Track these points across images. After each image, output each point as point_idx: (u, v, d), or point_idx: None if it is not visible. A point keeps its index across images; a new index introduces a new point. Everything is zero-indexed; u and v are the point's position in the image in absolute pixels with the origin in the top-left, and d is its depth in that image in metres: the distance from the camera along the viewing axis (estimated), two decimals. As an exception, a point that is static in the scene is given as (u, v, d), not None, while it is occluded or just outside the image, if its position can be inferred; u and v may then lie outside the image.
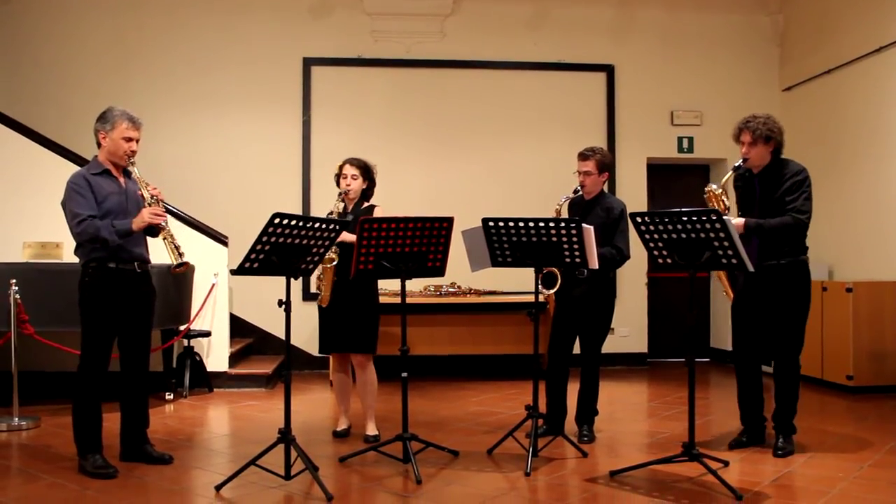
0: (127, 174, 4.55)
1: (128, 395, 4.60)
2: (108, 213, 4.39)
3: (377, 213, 5.16)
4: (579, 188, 5.24)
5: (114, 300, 4.40)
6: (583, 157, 5.23)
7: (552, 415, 5.24)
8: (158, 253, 4.70)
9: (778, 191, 4.75)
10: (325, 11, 8.73)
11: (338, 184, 5.33)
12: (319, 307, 5.25)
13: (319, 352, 5.48)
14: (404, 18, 8.76)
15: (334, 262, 4.97)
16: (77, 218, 4.30)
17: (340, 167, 5.27)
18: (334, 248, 4.80)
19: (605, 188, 5.37)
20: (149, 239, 4.60)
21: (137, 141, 4.47)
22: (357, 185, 5.22)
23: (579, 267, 4.69)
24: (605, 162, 5.23)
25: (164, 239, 4.39)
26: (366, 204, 5.32)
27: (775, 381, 4.90)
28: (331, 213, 5.14)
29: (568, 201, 5.29)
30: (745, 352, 5.02)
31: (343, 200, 5.18)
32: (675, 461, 4.31)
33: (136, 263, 4.47)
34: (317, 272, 5.02)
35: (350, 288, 5.09)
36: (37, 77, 8.37)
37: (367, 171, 5.30)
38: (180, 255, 4.36)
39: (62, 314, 5.90)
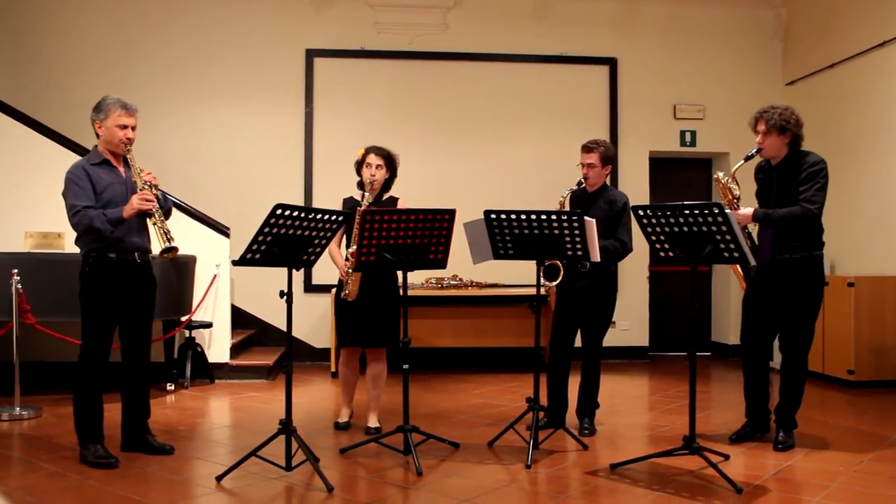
0: (127, 163, 4.51)
1: (129, 386, 4.61)
2: (108, 203, 4.38)
3: (400, 206, 5.14)
4: (582, 180, 5.22)
5: (114, 290, 4.40)
6: (586, 149, 5.21)
7: (553, 407, 5.24)
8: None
9: (794, 182, 4.73)
10: (327, 3, 8.72)
11: (358, 172, 5.27)
12: (341, 302, 5.18)
13: (339, 346, 5.43)
14: (407, 10, 8.75)
15: None
16: (73, 209, 4.31)
17: (364, 156, 5.19)
18: None
19: (608, 181, 5.35)
20: (151, 231, 4.57)
21: (133, 128, 4.45)
22: (381, 175, 5.15)
23: (581, 260, 4.69)
24: (608, 154, 5.21)
25: (154, 224, 4.35)
26: (386, 195, 5.27)
27: (781, 375, 4.89)
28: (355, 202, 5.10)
29: (571, 193, 5.28)
30: (753, 345, 5.00)
31: (367, 191, 5.09)
32: (675, 454, 4.31)
33: (136, 253, 4.46)
34: (348, 265, 4.99)
35: (373, 283, 5.09)
36: (39, 67, 8.37)
37: (391, 161, 5.23)
38: (168, 239, 4.28)
39: (64, 304, 5.89)
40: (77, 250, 4.49)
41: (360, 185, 5.27)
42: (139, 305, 4.55)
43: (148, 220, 4.43)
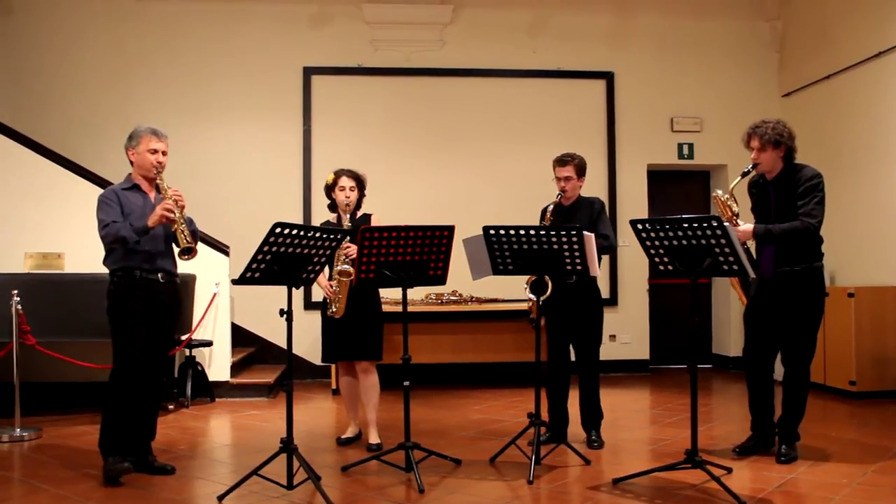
0: (157, 190, 4.62)
1: (140, 405, 4.61)
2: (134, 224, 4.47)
3: (374, 222, 5.20)
4: (560, 194, 5.25)
5: (139, 306, 4.46)
6: (561, 163, 5.25)
7: (554, 423, 5.23)
8: (181, 265, 4.74)
9: (793, 197, 4.73)
10: (324, 21, 8.76)
11: (328, 195, 5.38)
12: (324, 318, 5.28)
13: (322, 361, 5.50)
14: (404, 27, 8.79)
15: (351, 277, 4.90)
16: (102, 223, 4.43)
17: (335, 179, 5.29)
18: (351, 261, 4.85)
19: (581, 191, 5.38)
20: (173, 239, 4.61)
21: (164, 153, 4.61)
22: (354, 196, 5.26)
23: (580, 274, 4.69)
24: (582, 165, 5.27)
25: (175, 229, 4.45)
26: (360, 213, 5.33)
27: (784, 388, 4.87)
28: (333, 225, 5.18)
29: (554, 208, 5.28)
30: (756, 358, 4.98)
31: (344, 212, 5.20)
32: (678, 468, 4.30)
33: (160, 274, 4.53)
34: (334, 284, 5.08)
35: (354, 296, 5.12)
36: (39, 87, 8.40)
37: (361, 182, 5.35)
38: (188, 241, 4.40)
39: (64, 324, 5.92)
40: (78, 270, 4.53)
41: (332, 208, 5.42)
42: (159, 325, 4.58)
43: (171, 226, 4.48)
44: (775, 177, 4.84)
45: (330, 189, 5.34)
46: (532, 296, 4.98)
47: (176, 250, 4.58)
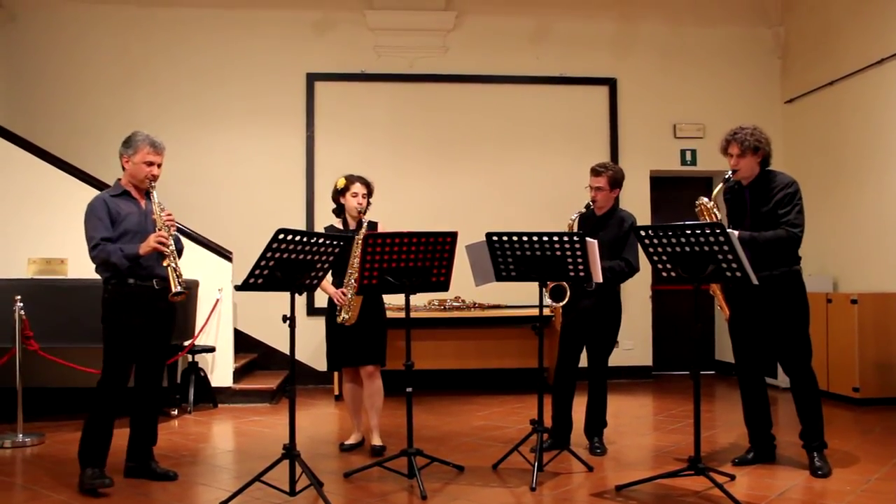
0: (148, 195, 4.60)
1: (140, 411, 4.62)
2: (125, 232, 4.46)
3: (381, 230, 5.21)
4: (591, 203, 5.25)
5: (133, 315, 4.44)
6: (595, 172, 5.25)
7: (558, 429, 5.21)
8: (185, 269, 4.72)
9: (769, 203, 4.71)
10: (328, 27, 8.77)
11: (335, 199, 5.39)
12: (329, 325, 5.30)
13: (328, 368, 5.49)
14: (407, 34, 8.80)
15: None
16: (91, 241, 4.40)
17: (347, 185, 5.30)
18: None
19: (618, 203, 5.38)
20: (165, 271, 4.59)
21: (159, 165, 4.56)
22: (365, 202, 5.28)
23: (584, 281, 4.69)
24: (616, 178, 5.25)
25: (167, 265, 4.39)
26: (367, 220, 5.35)
27: (794, 396, 4.80)
28: (338, 231, 5.19)
29: (579, 216, 5.29)
30: (747, 367, 4.95)
31: (355, 218, 5.25)
32: (681, 475, 4.29)
33: (154, 280, 4.51)
34: (348, 292, 5.13)
35: (361, 302, 5.15)
36: (41, 92, 8.42)
37: (371, 190, 5.39)
38: (179, 283, 4.35)
39: (66, 330, 5.92)
40: (81, 276, 4.53)
41: (337, 213, 5.43)
42: (155, 332, 4.58)
43: (162, 261, 4.42)
44: (751, 182, 4.83)
45: (339, 194, 5.34)
46: (552, 302, 4.99)
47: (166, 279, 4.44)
